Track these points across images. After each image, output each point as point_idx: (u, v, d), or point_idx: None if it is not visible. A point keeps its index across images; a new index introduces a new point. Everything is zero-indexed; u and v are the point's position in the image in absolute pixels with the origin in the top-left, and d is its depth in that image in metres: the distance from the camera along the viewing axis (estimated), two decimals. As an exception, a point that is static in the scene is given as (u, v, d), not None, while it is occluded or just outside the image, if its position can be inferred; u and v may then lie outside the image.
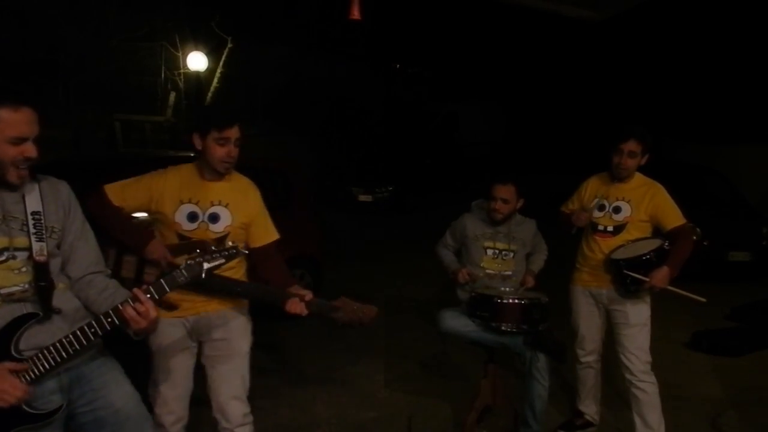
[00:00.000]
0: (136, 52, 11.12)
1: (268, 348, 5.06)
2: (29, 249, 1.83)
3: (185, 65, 11.72)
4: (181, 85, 11.99)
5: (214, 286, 2.52)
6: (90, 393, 1.93)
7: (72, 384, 1.90)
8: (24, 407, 1.75)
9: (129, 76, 11.09)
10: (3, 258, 1.79)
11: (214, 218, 2.54)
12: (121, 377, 2.03)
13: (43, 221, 1.86)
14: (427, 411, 3.90)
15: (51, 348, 1.78)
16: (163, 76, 11.88)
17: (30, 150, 1.79)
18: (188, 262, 1.91)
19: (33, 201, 1.86)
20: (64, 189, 1.98)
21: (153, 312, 1.83)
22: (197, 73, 11.95)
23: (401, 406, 3.98)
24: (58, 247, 1.93)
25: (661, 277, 3.05)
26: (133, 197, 2.50)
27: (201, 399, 2.70)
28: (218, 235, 2.53)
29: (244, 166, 2.67)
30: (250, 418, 2.66)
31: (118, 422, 1.96)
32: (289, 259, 5.38)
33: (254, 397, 3.96)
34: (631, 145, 3.21)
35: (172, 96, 11.93)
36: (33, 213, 1.84)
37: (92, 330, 1.80)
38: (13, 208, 1.83)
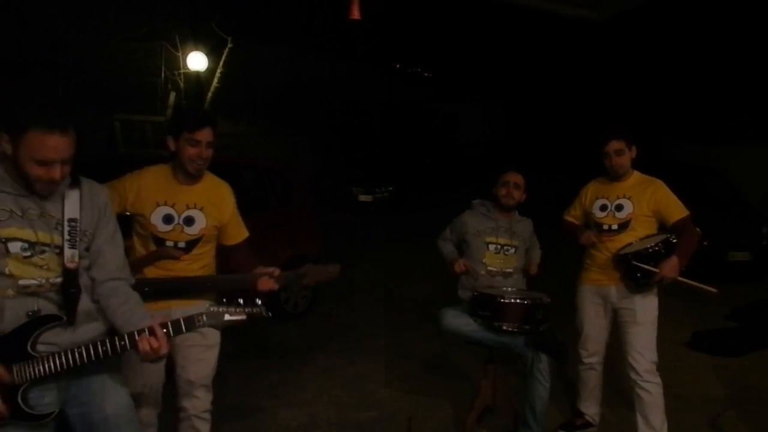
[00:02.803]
0: (136, 52, 11.10)
1: (268, 348, 5.06)
2: (58, 248, 1.85)
3: (185, 65, 11.70)
4: (181, 85, 11.96)
5: (185, 287, 2.57)
6: (85, 395, 1.94)
7: (69, 383, 1.91)
8: (23, 406, 1.76)
9: (129, 76, 11.06)
10: (29, 253, 1.80)
11: (189, 221, 2.58)
12: (117, 384, 2.03)
13: (78, 228, 1.88)
14: (427, 411, 3.90)
15: (61, 354, 1.79)
16: (163, 76, 11.85)
17: (55, 172, 1.78)
18: (211, 308, 1.94)
19: (71, 207, 1.88)
20: (102, 194, 2.01)
21: (165, 349, 1.85)
22: (197, 73, 11.92)
23: (401, 406, 3.98)
24: (87, 249, 1.95)
25: (670, 267, 3.09)
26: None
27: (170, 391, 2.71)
28: (192, 237, 2.58)
29: (244, 165, 2.67)
30: (211, 407, 2.71)
31: (108, 429, 1.95)
32: (289, 259, 5.43)
33: (254, 397, 3.99)
34: (614, 145, 3.28)
35: (172, 96, 11.90)
36: (70, 220, 1.87)
37: (104, 348, 1.83)
38: (52, 207, 1.86)
